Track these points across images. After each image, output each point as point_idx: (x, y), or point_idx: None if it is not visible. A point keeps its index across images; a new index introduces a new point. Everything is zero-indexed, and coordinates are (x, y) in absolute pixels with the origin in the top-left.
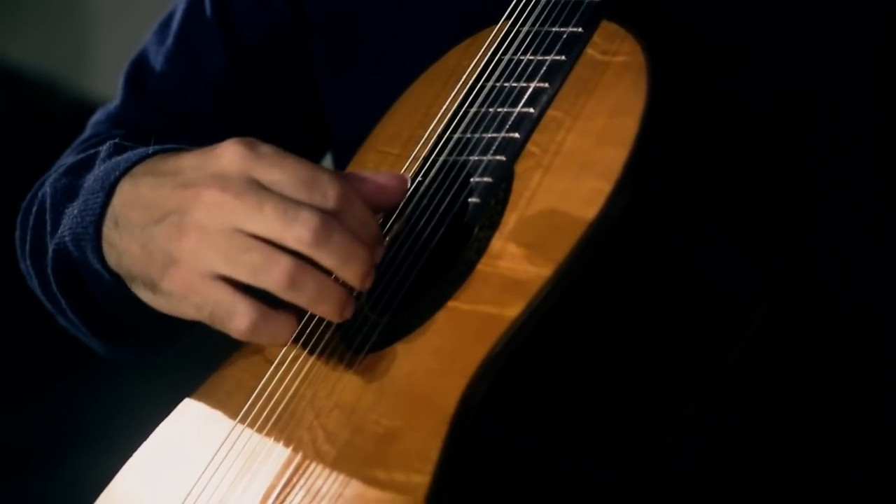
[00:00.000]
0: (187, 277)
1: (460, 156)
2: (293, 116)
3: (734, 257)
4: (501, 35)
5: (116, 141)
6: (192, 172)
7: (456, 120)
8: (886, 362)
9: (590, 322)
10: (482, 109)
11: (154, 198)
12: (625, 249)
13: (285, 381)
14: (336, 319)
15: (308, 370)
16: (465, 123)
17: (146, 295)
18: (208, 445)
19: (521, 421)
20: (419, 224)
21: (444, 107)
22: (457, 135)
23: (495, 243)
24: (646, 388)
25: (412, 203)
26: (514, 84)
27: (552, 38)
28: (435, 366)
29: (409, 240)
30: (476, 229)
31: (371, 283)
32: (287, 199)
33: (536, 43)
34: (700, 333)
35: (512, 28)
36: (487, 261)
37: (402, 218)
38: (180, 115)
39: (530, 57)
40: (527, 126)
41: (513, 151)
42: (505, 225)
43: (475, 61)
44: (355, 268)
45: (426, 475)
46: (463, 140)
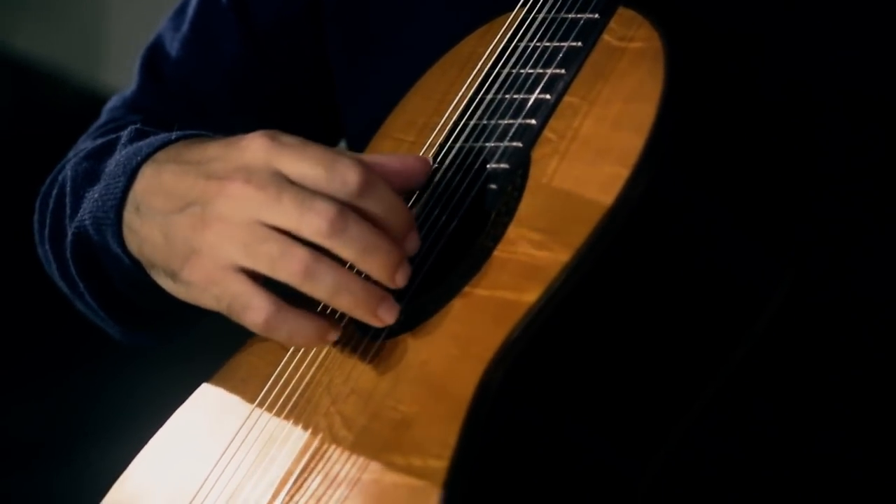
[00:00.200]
0: (208, 269)
1: (476, 142)
2: (308, 104)
3: (749, 245)
4: (517, 22)
5: (138, 126)
6: (217, 163)
7: (472, 107)
8: None
9: (607, 307)
10: (498, 96)
11: (177, 186)
12: (642, 235)
13: (301, 368)
14: (368, 319)
15: (324, 356)
16: (482, 110)
17: (166, 283)
18: (225, 432)
19: (539, 406)
20: (435, 211)
21: (460, 94)
22: (473, 121)
23: (512, 229)
24: (662, 374)
25: (428, 190)
26: (531, 70)
27: (568, 25)
28: (452, 351)
29: (426, 226)
30: (493, 215)
31: (405, 280)
32: (306, 191)
33: (553, 29)
34: (715, 320)
35: (528, 15)
36: (504, 247)
37: (419, 205)
38: (195, 102)
39: (546, 43)
40: (543, 112)
41: (529, 138)
42: (522, 211)
43: (491, 48)
44: (378, 259)
45: (444, 460)
46: (479, 127)
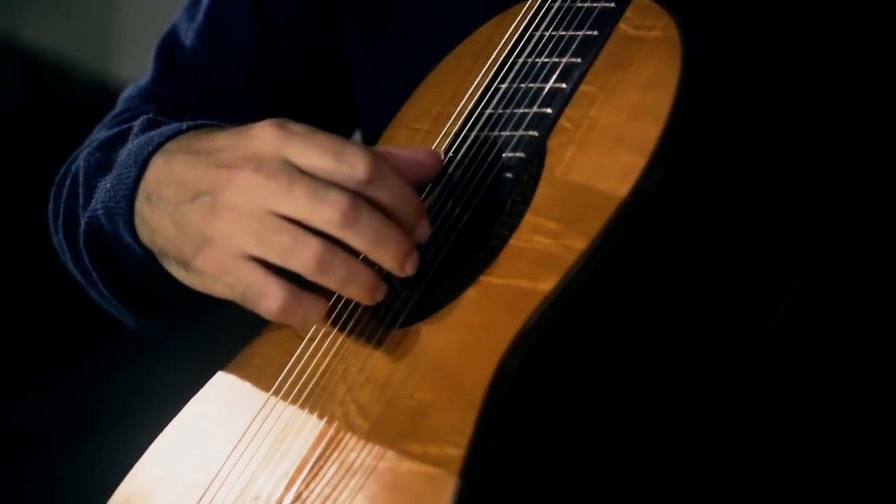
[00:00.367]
0: (220, 258)
1: (492, 131)
2: (323, 93)
3: (766, 234)
4: (532, 11)
5: (150, 116)
6: (227, 153)
7: (487, 96)
8: None
9: (622, 296)
10: (514, 85)
11: (188, 176)
12: (658, 224)
13: (317, 356)
14: (367, 302)
15: (339, 345)
16: (497, 99)
17: (178, 272)
18: (240, 420)
19: (555, 394)
20: (451, 199)
21: (475, 83)
22: (488, 110)
23: (528, 218)
24: (678, 364)
25: (444, 179)
26: (546, 59)
27: (584, 14)
28: (468, 340)
29: (441, 215)
30: (508, 204)
31: (414, 268)
32: (318, 181)
33: (568, 18)
34: (731, 310)
35: (543, 4)
36: (520, 235)
37: (434, 193)
38: (210, 92)
39: (562, 32)
40: (559, 101)
41: (545, 127)
42: (537, 200)
43: (506, 37)
44: (387, 249)
45: (460, 448)
46: (494, 116)
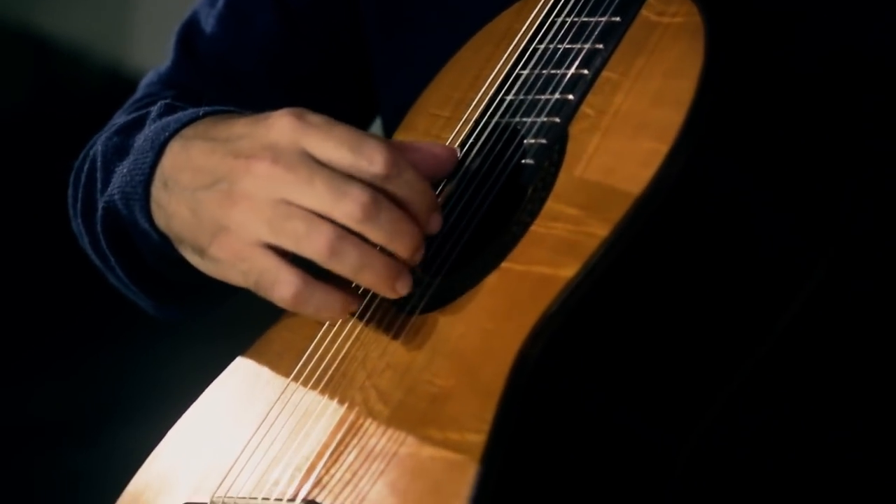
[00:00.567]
0: (235, 245)
1: (513, 118)
2: (342, 80)
3: (788, 221)
4: None
5: (168, 101)
6: (244, 141)
7: (508, 82)
8: None
9: (644, 283)
10: (535, 71)
11: (204, 163)
12: (680, 210)
13: (336, 343)
14: (386, 292)
15: (359, 331)
16: (518, 85)
17: (194, 258)
18: (259, 406)
19: (576, 380)
20: (472, 186)
21: (496, 69)
22: (509, 97)
23: (549, 205)
24: (699, 350)
25: (465, 165)
26: (568, 46)
27: (607, 0)
28: (489, 326)
29: (462, 202)
30: (529, 191)
31: (420, 258)
32: (337, 174)
33: (591, 5)
34: (753, 296)
35: None
36: (541, 222)
37: (455, 180)
38: (230, 78)
39: (584, 18)
40: (581, 87)
41: (567, 113)
42: (559, 186)
43: (527, 24)
44: (403, 243)
45: (481, 434)
46: (516, 102)
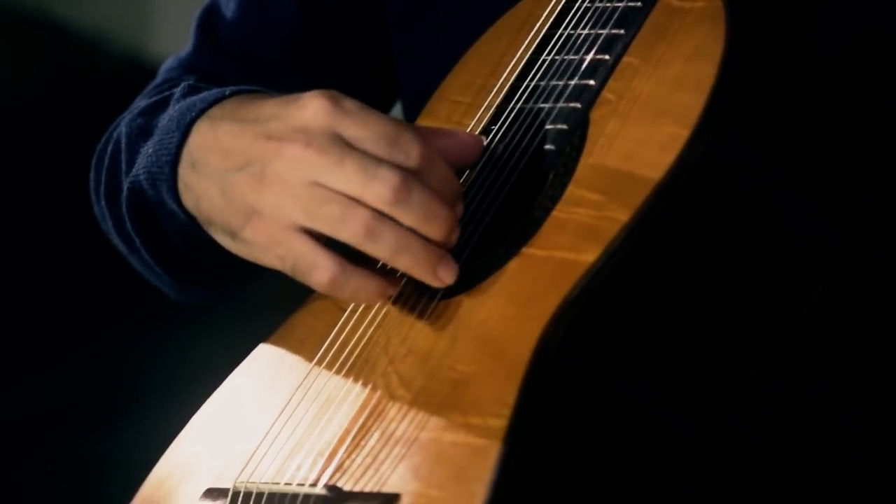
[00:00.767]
0: (270, 229)
1: (534, 104)
2: (364, 66)
3: (809, 207)
4: None
5: (191, 82)
6: (275, 123)
7: (530, 68)
8: None
9: (665, 267)
10: (556, 57)
11: (234, 145)
12: (701, 195)
13: (359, 329)
14: (428, 279)
15: (381, 317)
16: (540, 71)
17: (225, 240)
18: (282, 392)
19: (597, 365)
20: (493, 172)
21: (517, 56)
22: (531, 83)
23: (570, 190)
24: (720, 335)
25: (486, 151)
26: (589, 31)
27: None
28: (510, 311)
29: (484, 187)
30: (551, 176)
31: (456, 239)
32: (368, 157)
33: None
34: (774, 281)
35: None
36: (563, 207)
37: (477, 166)
38: (252, 63)
39: (605, 4)
40: (602, 73)
41: (588, 98)
42: (580, 172)
43: (548, 10)
44: (436, 225)
45: (503, 419)
46: (537, 88)
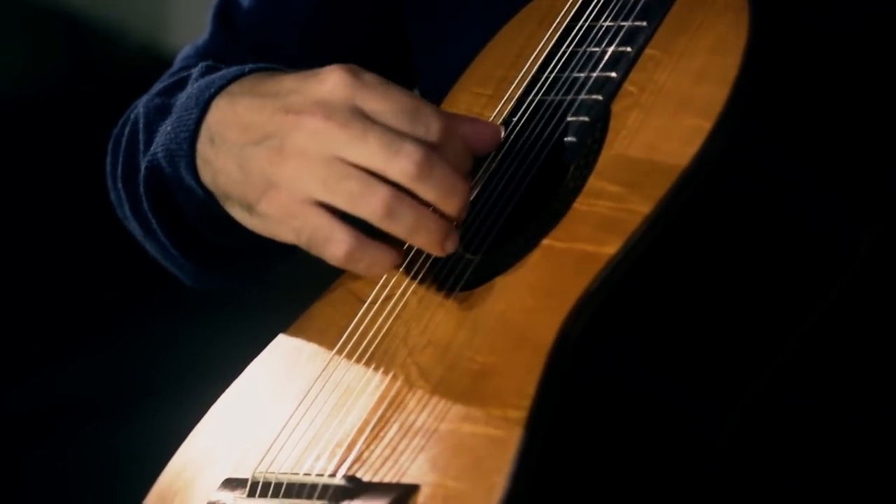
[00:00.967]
0: (286, 202)
1: (556, 95)
2: (381, 56)
3: (832, 199)
4: None
5: (209, 63)
6: (295, 97)
7: (551, 60)
8: None
9: (686, 259)
10: (578, 49)
11: (253, 119)
12: (723, 187)
13: (378, 319)
14: (437, 252)
15: (401, 308)
16: (561, 63)
17: (241, 215)
18: (301, 382)
19: (618, 357)
20: (514, 163)
21: (539, 48)
22: (552, 75)
23: (592, 182)
24: (741, 327)
25: (507, 142)
26: (611, 23)
27: None
28: (530, 303)
29: (504, 179)
30: (572, 168)
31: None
32: (390, 131)
33: None
34: (795, 274)
35: None
36: (584, 199)
37: (498, 157)
38: (268, 51)
39: None
40: (624, 65)
41: (609, 90)
42: (601, 164)
43: (570, 1)
44: (455, 201)
45: (522, 410)
46: (558, 80)
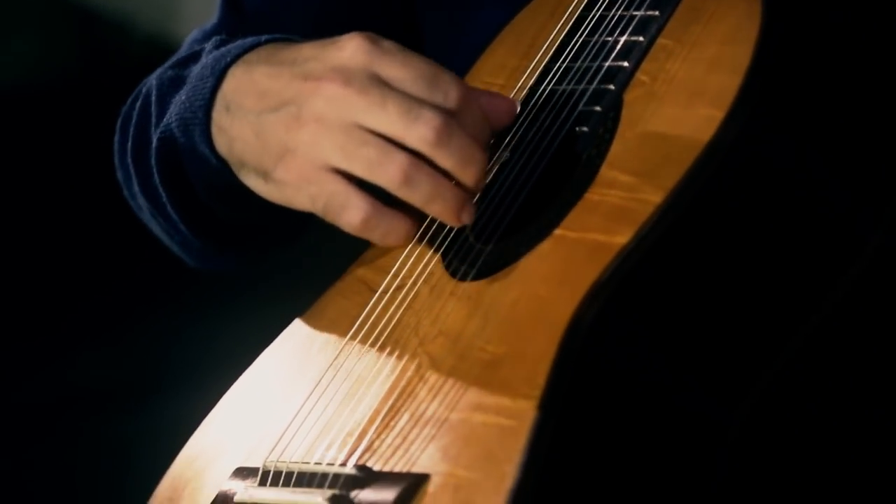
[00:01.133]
0: (303, 168)
1: (567, 85)
2: None
3: (845, 187)
4: None
5: (223, 37)
6: (313, 63)
7: (563, 49)
8: None
9: (698, 249)
10: (590, 38)
11: (270, 86)
12: (735, 177)
13: (390, 309)
14: (452, 221)
15: (412, 298)
16: (573, 53)
17: (256, 183)
18: (313, 372)
19: (629, 346)
20: (526, 152)
21: (551, 37)
22: (564, 64)
23: (604, 172)
24: (753, 318)
25: (519, 132)
26: (623, 13)
27: None
28: (542, 292)
29: (516, 168)
30: (584, 158)
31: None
32: (409, 98)
33: None
34: (808, 264)
35: None
36: (596, 189)
37: (510, 146)
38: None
39: None
40: (636, 55)
41: (622, 80)
42: (613, 153)
43: None
44: (473, 170)
45: (534, 399)
46: (570, 69)
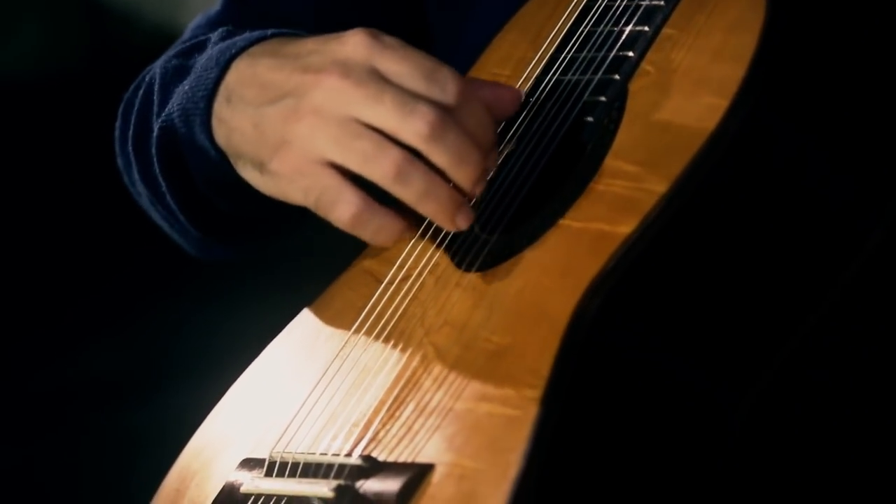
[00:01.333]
0: (297, 160)
1: (573, 75)
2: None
3: (848, 177)
4: None
5: (229, 28)
6: (315, 57)
7: (568, 40)
8: None
9: (703, 239)
10: (595, 29)
11: (272, 78)
12: (739, 166)
13: (395, 300)
14: (447, 224)
15: (418, 289)
16: (578, 43)
17: (252, 175)
18: (319, 363)
19: (634, 336)
20: (531, 143)
21: (556, 28)
22: (569, 55)
23: (608, 162)
24: (758, 306)
25: (524, 122)
26: (629, 2)
27: None
28: (546, 282)
29: (521, 158)
30: (589, 148)
31: (481, 190)
32: (406, 92)
33: None
34: (813, 252)
35: None
36: (600, 179)
37: (514, 137)
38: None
39: None
40: (641, 44)
41: (627, 70)
42: (618, 143)
43: None
44: (468, 169)
45: (538, 389)
46: (575, 59)
